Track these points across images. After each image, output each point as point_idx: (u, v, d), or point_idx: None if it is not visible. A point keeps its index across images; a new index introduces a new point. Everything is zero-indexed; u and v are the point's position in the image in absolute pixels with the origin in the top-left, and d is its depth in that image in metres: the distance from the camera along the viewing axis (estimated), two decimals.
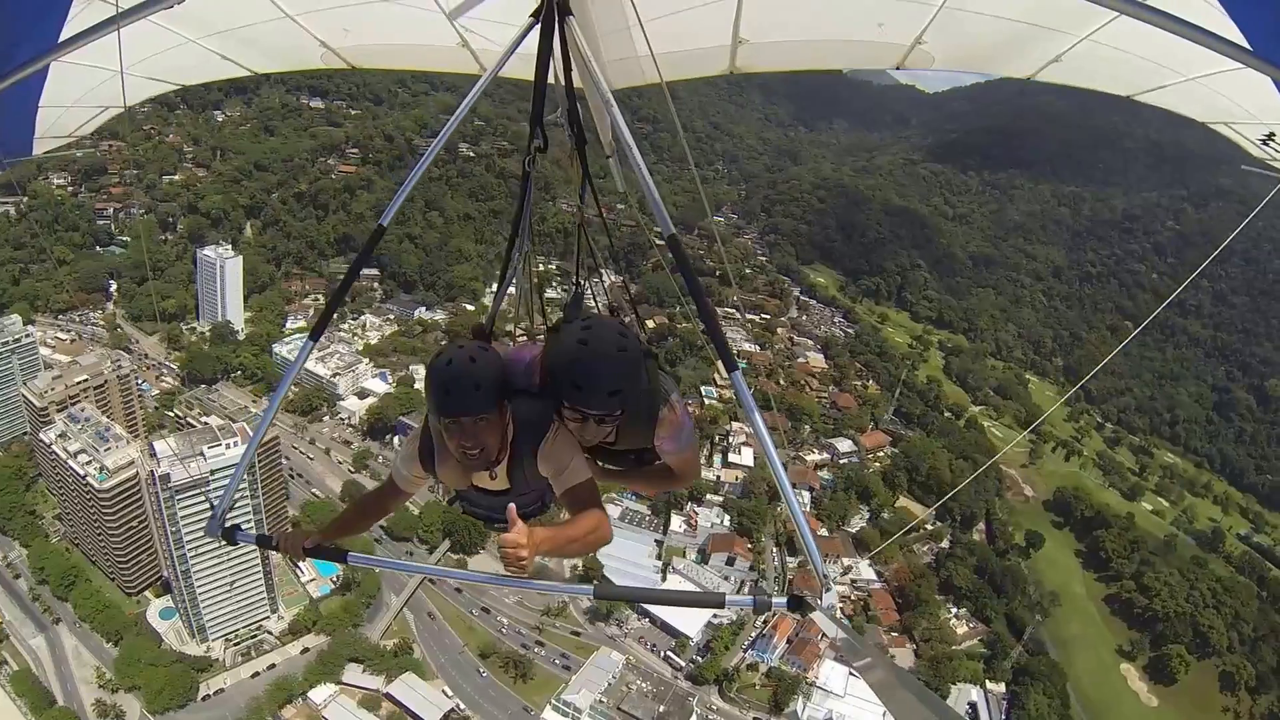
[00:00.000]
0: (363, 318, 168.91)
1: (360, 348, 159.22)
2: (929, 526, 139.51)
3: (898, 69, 7.14)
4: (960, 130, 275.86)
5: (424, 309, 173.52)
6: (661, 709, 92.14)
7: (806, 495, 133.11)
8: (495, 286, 8.13)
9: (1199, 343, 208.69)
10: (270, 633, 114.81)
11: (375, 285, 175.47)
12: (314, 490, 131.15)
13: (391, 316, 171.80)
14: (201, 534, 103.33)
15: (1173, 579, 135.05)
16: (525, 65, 5.63)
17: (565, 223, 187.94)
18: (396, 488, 5.41)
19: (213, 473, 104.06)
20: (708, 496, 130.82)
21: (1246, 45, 4.52)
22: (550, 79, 5.81)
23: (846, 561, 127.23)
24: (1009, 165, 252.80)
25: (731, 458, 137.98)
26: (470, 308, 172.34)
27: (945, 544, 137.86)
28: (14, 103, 6.76)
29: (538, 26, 5.44)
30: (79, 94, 7.59)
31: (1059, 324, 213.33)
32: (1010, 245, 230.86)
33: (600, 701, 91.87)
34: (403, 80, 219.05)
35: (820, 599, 4.51)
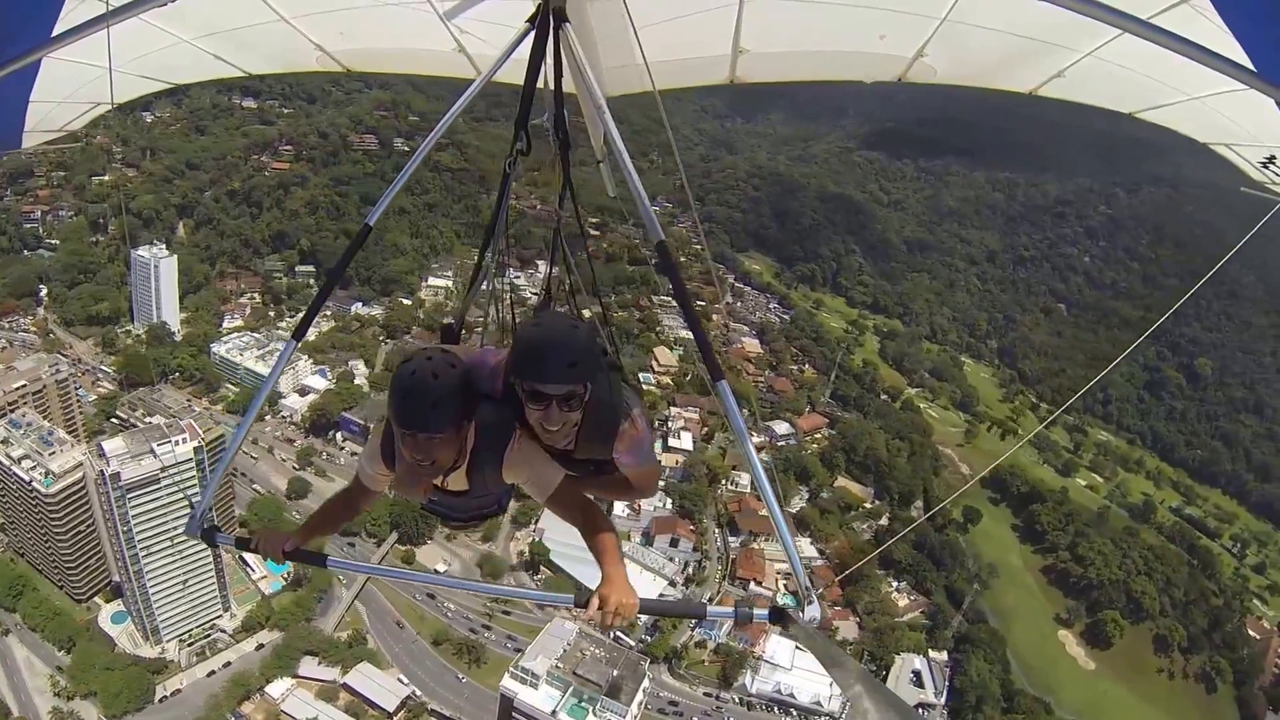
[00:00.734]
0: (300, 315, 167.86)
1: (298, 345, 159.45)
2: (866, 505, 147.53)
3: (899, 82, 7.34)
4: (896, 119, 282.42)
5: (361, 304, 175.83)
6: (615, 673, 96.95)
7: (745, 478, 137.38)
8: (470, 284, 8.64)
9: (1130, 324, 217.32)
10: (224, 631, 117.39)
11: (311, 282, 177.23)
12: (256, 487, 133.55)
13: (329, 313, 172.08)
14: (153, 533, 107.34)
15: (1106, 549, 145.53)
16: (520, 70, 5.90)
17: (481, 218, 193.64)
18: (364, 487, 5.54)
19: (163, 469, 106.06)
20: None
21: (1250, 66, 4.60)
22: (540, 84, 6.09)
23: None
24: (944, 152, 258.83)
25: (671, 442, 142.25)
26: (406, 301, 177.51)
27: (884, 521, 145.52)
28: (4, 96, 6.96)
29: (533, 33, 5.73)
30: (70, 90, 7.76)
31: (993, 307, 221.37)
32: (945, 230, 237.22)
33: (557, 667, 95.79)
34: (335, 80, 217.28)
35: (803, 611, 4.76)
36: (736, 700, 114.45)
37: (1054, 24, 5.76)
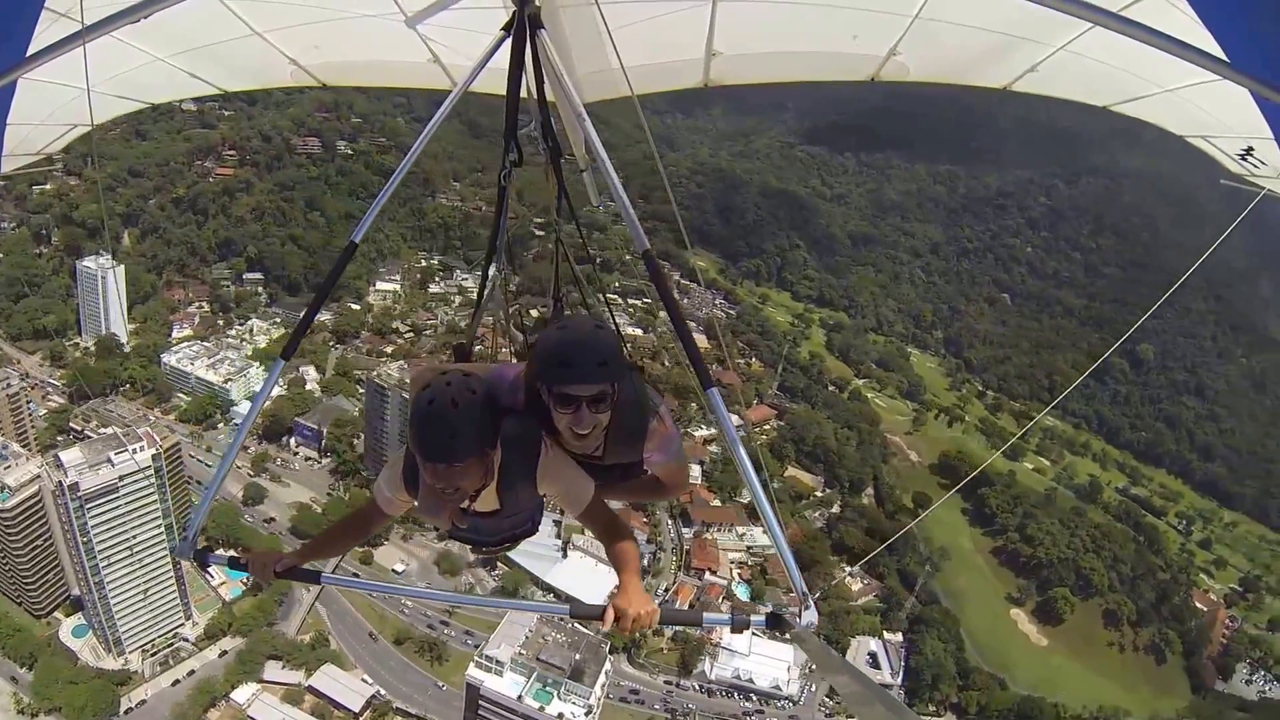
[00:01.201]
0: (250, 322, 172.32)
1: (249, 352, 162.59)
2: (817, 494, 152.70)
3: (873, 81, 7.33)
4: (836, 114, 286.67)
5: None
6: (578, 657, 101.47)
7: (697, 469, 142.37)
8: (477, 301, 8.71)
9: (1073, 312, 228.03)
10: (186, 639, 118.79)
11: (260, 289, 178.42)
12: (217, 496, 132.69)
13: (278, 319, 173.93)
14: (113, 543, 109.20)
15: (1054, 529, 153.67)
16: (496, 79, 5.96)
17: (445, 216, 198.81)
18: (379, 509, 5.44)
19: (122, 478, 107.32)
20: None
21: (1224, 57, 4.67)
22: (523, 93, 6.18)
23: (740, 530, 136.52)
24: (885, 146, 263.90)
25: None
26: (355, 306, 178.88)
27: (836, 509, 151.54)
28: None
29: (509, 41, 5.81)
30: (47, 111, 7.81)
31: (938, 298, 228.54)
32: (888, 224, 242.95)
33: (520, 654, 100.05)
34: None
35: (800, 617, 4.86)
36: (696, 687, 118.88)
37: (1026, 19, 5.99)
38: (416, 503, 5.01)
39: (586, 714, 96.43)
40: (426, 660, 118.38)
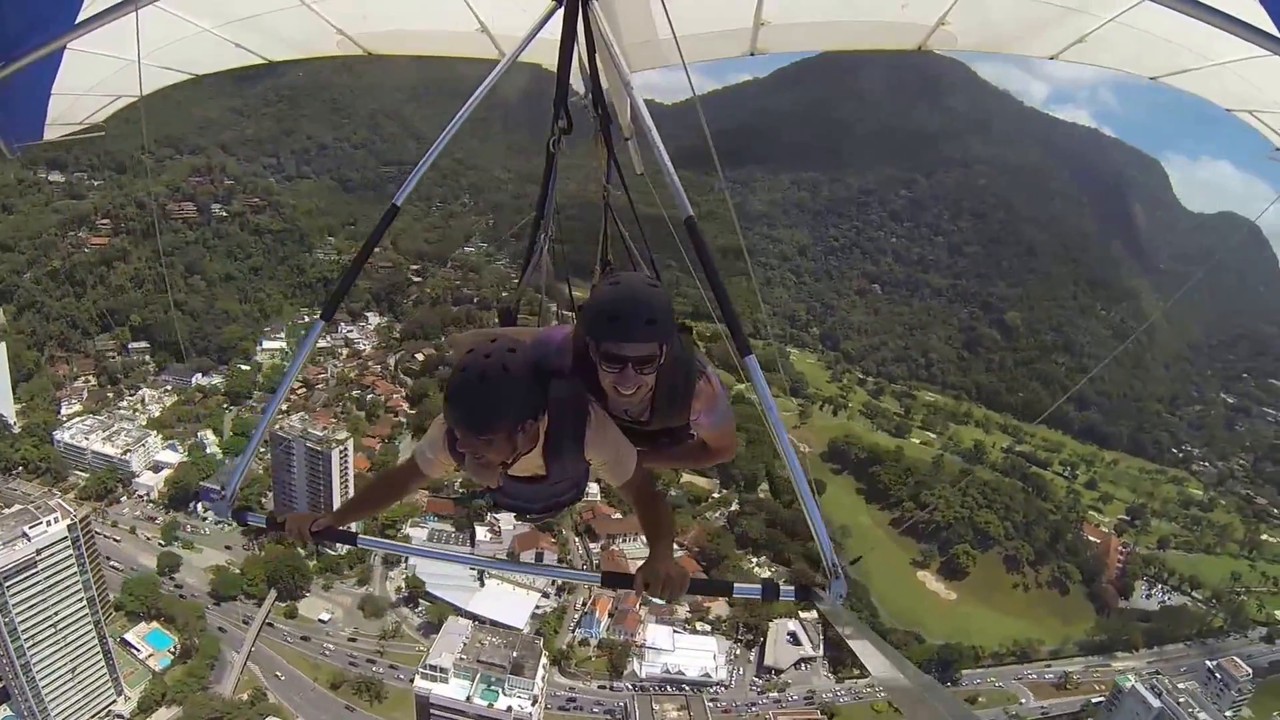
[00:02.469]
0: (140, 392, 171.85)
1: (144, 422, 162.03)
2: (715, 495, 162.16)
3: (919, 50, 7.45)
4: (696, 138, 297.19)
5: (200, 375, 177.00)
6: (515, 654, 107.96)
7: (595, 486, 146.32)
8: (524, 266, 9.26)
9: (940, 292, 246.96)
10: (121, 716, 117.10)
11: (147, 358, 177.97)
12: (116, 564, 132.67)
13: (169, 387, 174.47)
14: (35, 622, 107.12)
15: (946, 492, 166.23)
16: (543, 50, 6.25)
17: (325, 270, 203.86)
18: (419, 470, 5.44)
19: (38, 552, 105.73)
20: None
21: (1275, 33, 4.56)
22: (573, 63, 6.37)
23: (644, 537, 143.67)
24: (747, 162, 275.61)
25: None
26: (245, 367, 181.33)
27: (735, 506, 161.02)
28: (27, 87, 7.04)
29: (560, 11, 6.02)
30: (93, 82, 7.97)
31: (810, 297, 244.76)
32: (756, 233, 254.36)
33: (461, 659, 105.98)
34: (143, 147, 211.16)
35: (828, 589, 4.99)
36: (629, 687, 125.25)
37: None
38: (460, 465, 4.95)
39: (533, 704, 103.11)
40: (365, 700, 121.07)
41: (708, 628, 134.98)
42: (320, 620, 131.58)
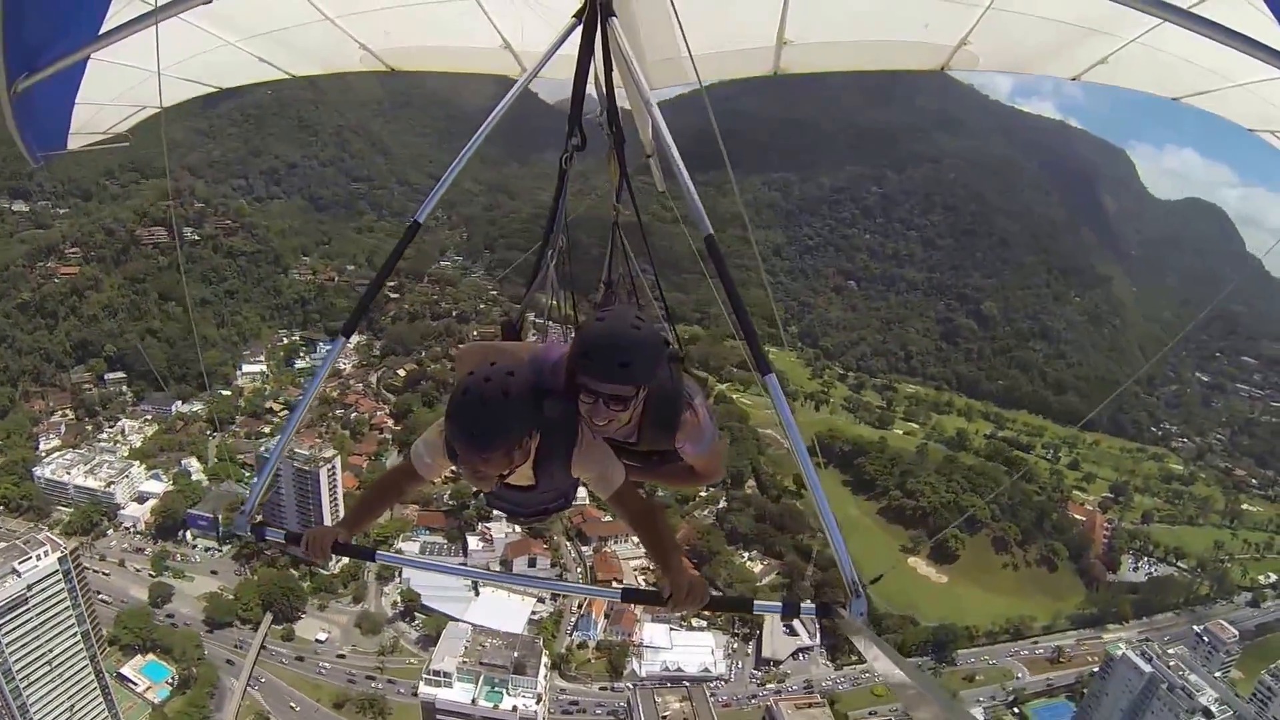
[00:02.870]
0: (120, 423, 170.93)
1: (126, 453, 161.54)
2: (702, 494, 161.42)
3: (943, 70, 7.65)
4: (689, 139, 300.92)
5: (180, 403, 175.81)
6: (517, 655, 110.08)
7: (583, 490, 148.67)
8: (530, 281, 9.09)
9: (916, 286, 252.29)
10: None
11: (124, 388, 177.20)
12: (105, 598, 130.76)
13: (149, 416, 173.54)
14: (32, 659, 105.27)
15: (932, 479, 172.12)
16: (565, 66, 6.30)
17: (301, 291, 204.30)
18: (415, 473, 5.58)
19: (29, 588, 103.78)
20: (494, 513, 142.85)
21: None
22: (590, 79, 6.48)
23: (635, 539, 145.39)
24: (717, 165, 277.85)
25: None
26: (225, 392, 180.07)
27: (723, 504, 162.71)
28: (50, 97, 7.06)
29: (580, 27, 6.09)
30: (116, 93, 8.08)
31: (787, 295, 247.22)
32: (730, 235, 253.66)
33: (464, 662, 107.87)
34: (109, 171, 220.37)
35: (849, 606, 5.10)
36: (630, 687, 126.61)
37: (1098, 12, 6.06)
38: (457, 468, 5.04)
39: (537, 702, 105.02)
40: (369, 718, 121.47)
41: (704, 623, 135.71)
42: (317, 640, 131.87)
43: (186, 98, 9.07)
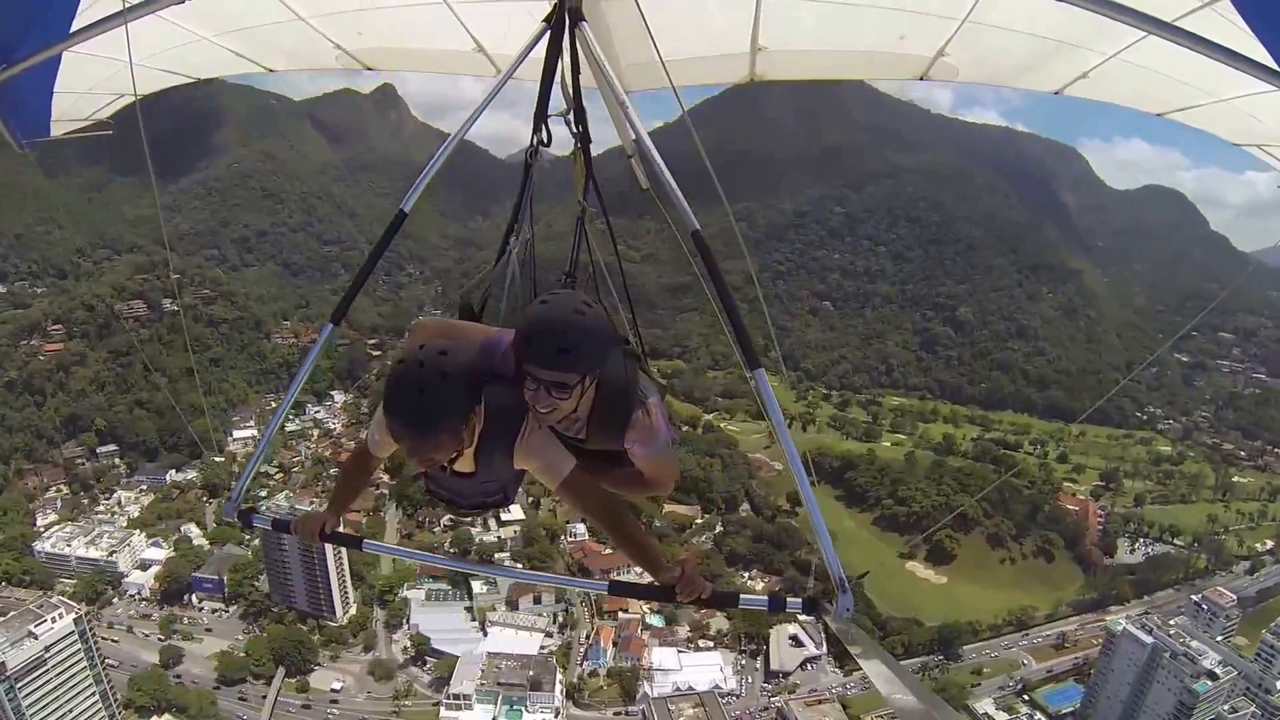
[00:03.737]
0: (115, 495, 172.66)
1: (124, 523, 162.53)
2: (698, 521, 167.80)
3: (922, 80, 7.54)
4: (623, 186, 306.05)
5: (174, 471, 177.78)
6: (531, 673, 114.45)
7: (581, 526, 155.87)
8: (494, 266, 8.42)
9: (891, 300, 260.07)
10: None
11: (117, 461, 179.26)
12: (110, 662, 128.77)
13: (144, 487, 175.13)
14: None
15: (922, 484, 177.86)
16: (539, 69, 6.27)
17: (284, 354, 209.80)
18: (370, 453, 5.72)
19: (47, 649, 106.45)
20: (495, 555, 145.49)
21: (1276, 67, 4.70)
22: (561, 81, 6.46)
23: (637, 570, 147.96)
24: (697, 194, 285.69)
25: (504, 517, 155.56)
26: (219, 459, 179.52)
27: (719, 528, 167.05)
28: (30, 86, 7.19)
29: (549, 31, 6.09)
30: (93, 82, 8.17)
31: (764, 322, 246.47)
32: (699, 269, 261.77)
33: (481, 684, 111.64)
34: (80, 250, 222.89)
35: (835, 602, 5.22)
36: (644, 709, 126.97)
37: (1078, 26, 6.05)
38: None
39: (555, 716, 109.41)
40: None
41: (710, 644, 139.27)
42: (333, 690, 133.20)
43: (163, 87, 9.22)
